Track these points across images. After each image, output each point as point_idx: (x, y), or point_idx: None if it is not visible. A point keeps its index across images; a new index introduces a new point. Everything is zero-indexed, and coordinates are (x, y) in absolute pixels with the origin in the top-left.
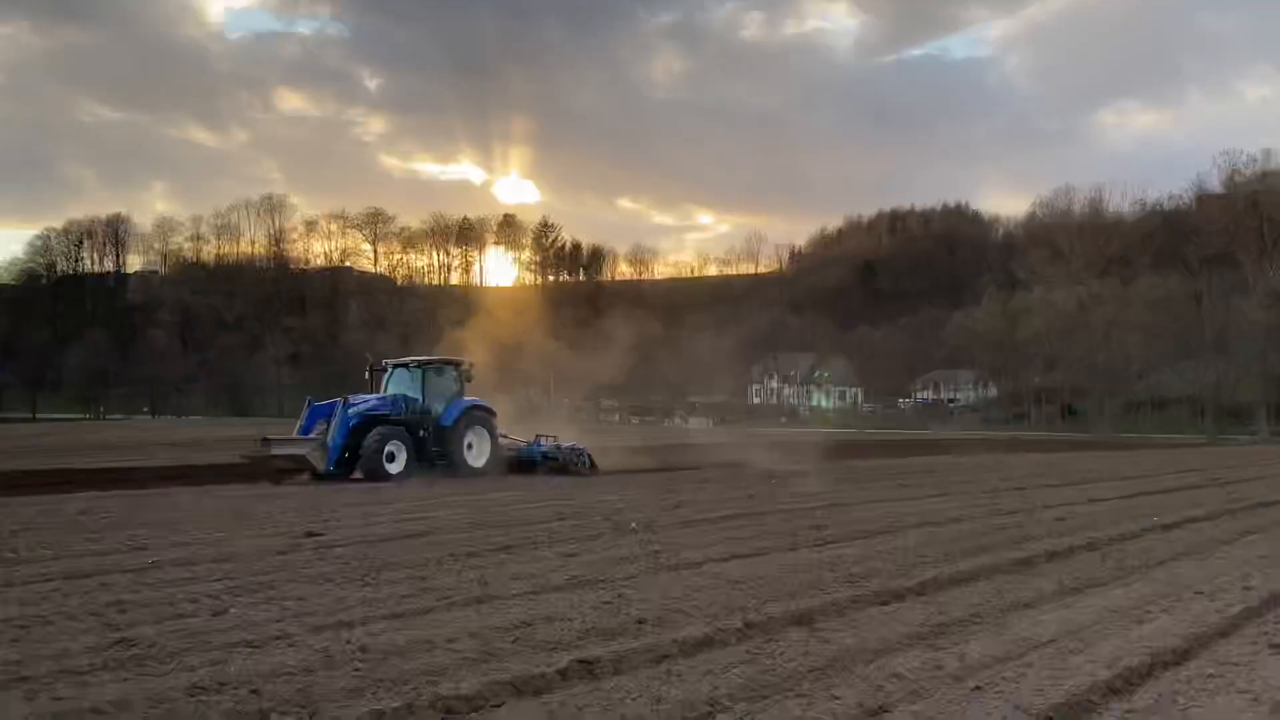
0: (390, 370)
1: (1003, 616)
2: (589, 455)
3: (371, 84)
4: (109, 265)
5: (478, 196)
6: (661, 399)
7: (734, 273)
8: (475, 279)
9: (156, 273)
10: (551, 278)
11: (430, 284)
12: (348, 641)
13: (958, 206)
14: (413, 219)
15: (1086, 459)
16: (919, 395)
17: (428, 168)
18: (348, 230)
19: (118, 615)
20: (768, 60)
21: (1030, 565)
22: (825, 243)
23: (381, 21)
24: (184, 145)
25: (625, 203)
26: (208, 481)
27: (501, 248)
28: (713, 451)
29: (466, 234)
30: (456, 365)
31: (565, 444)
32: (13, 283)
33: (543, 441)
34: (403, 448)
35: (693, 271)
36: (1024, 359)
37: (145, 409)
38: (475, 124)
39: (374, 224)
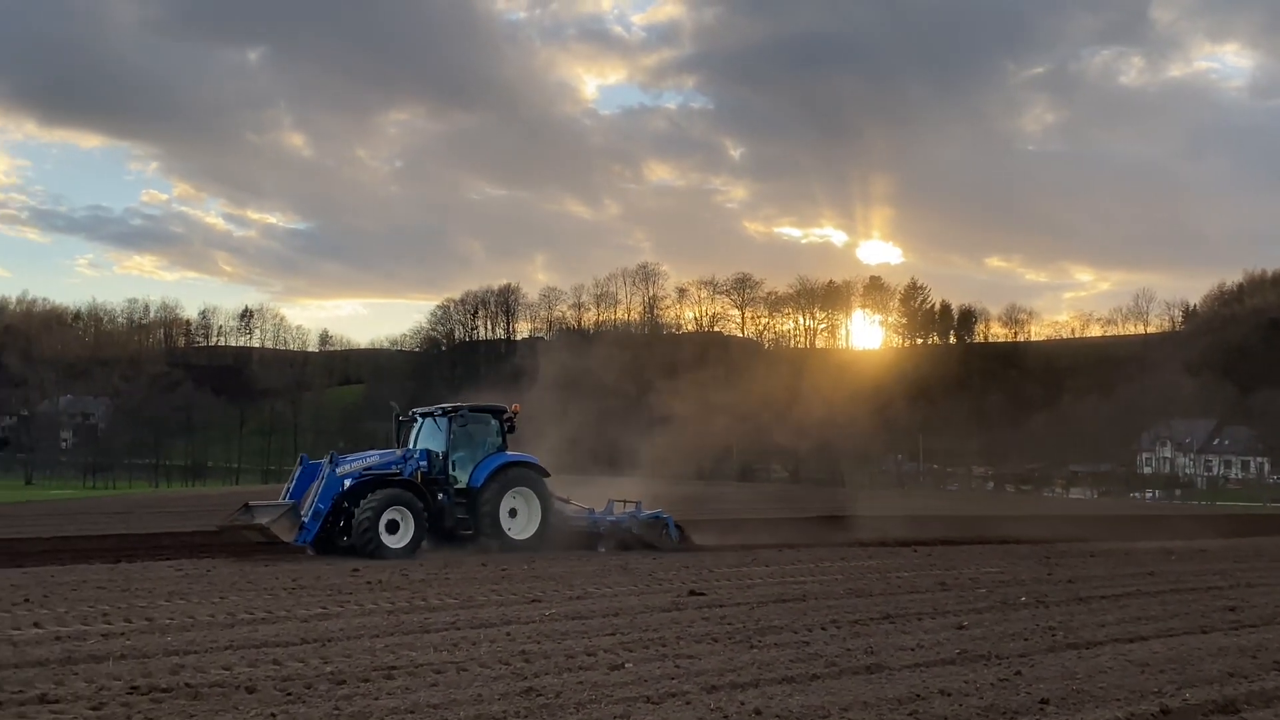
0: (420, 422)
1: None
2: (674, 524)
3: (735, 152)
4: (499, 332)
5: (840, 259)
6: (1040, 467)
7: (1119, 333)
8: (841, 342)
9: (542, 338)
10: (920, 340)
11: (797, 347)
12: (742, 703)
13: None
14: (777, 283)
15: None
16: None
17: (789, 232)
18: (716, 296)
19: (524, 664)
20: (1149, 107)
21: None
22: (1224, 299)
23: (743, 91)
24: (561, 218)
25: (995, 261)
26: None
27: (867, 310)
28: (1098, 524)
29: (831, 297)
30: (498, 414)
31: (644, 512)
32: (417, 350)
33: (614, 508)
34: (409, 516)
35: (1073, 332)
36: None
37: None
38: (836, 187)
39: (741, 289)
